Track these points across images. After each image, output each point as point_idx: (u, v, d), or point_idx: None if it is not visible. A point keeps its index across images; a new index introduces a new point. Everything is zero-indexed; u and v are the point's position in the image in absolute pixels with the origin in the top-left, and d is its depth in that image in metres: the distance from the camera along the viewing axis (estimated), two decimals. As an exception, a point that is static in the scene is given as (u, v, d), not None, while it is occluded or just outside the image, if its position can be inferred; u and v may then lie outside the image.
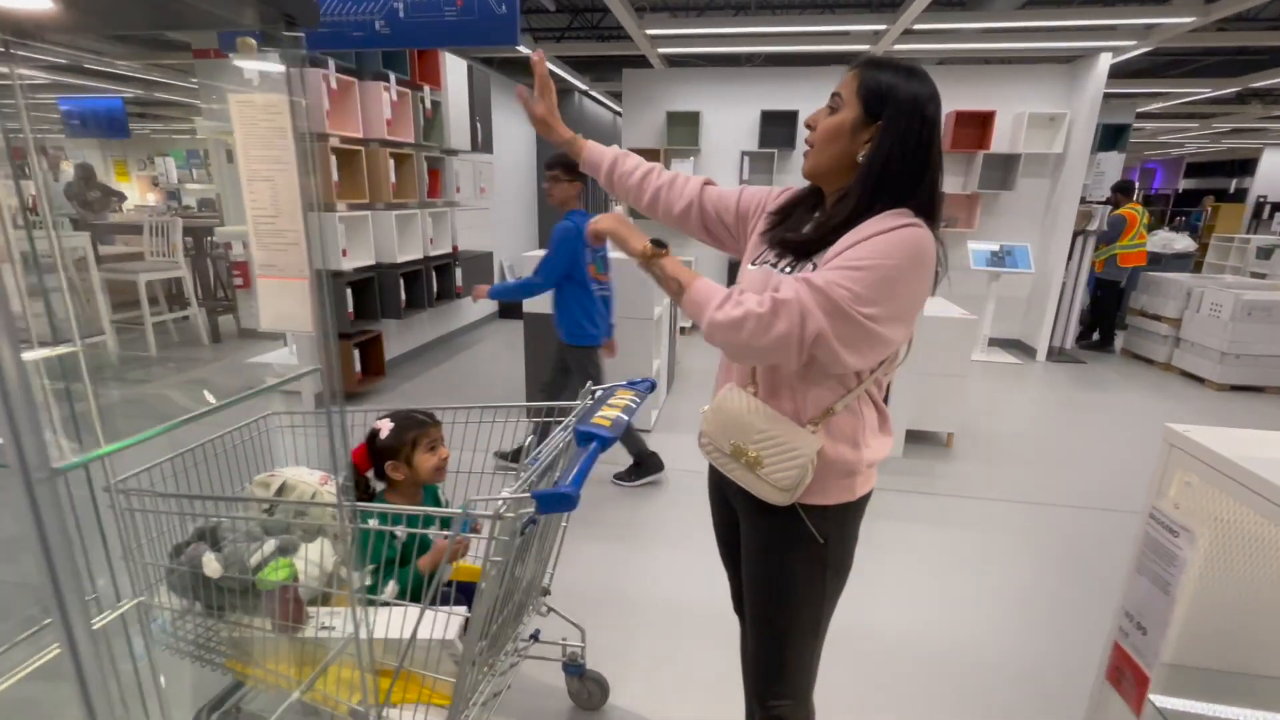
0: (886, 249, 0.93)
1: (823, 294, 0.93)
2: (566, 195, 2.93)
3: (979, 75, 5.67)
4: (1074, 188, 5.42)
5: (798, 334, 0.93)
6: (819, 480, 1.06)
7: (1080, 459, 3.60)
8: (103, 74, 7.62)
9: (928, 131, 0.98)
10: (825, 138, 1.03)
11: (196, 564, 1.24)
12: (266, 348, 4.69)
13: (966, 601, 2.31)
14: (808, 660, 1.20)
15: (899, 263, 0.93)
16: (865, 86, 0.99)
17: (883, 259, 0.93)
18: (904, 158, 0.98)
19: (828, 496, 1.08)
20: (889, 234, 0.94)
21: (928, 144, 0.98)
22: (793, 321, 0.93)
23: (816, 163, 1.06)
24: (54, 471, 0.55)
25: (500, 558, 1.12)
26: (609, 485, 3.13)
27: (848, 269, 0.94)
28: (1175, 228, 10.20)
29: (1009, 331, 6.13)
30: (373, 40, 3.15)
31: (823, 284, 0.93)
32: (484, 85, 5.71)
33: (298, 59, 0.76)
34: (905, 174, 0.99)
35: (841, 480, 1.08)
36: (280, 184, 0.83)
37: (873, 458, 1.09)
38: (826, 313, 0.93)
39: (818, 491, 1.07)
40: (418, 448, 1.54)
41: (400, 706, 1.30)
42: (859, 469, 1.08)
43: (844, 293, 0.92)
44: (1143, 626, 0.97)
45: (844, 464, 1.06)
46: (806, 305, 0.93)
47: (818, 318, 0.92)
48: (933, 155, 0.99)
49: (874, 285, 0.93)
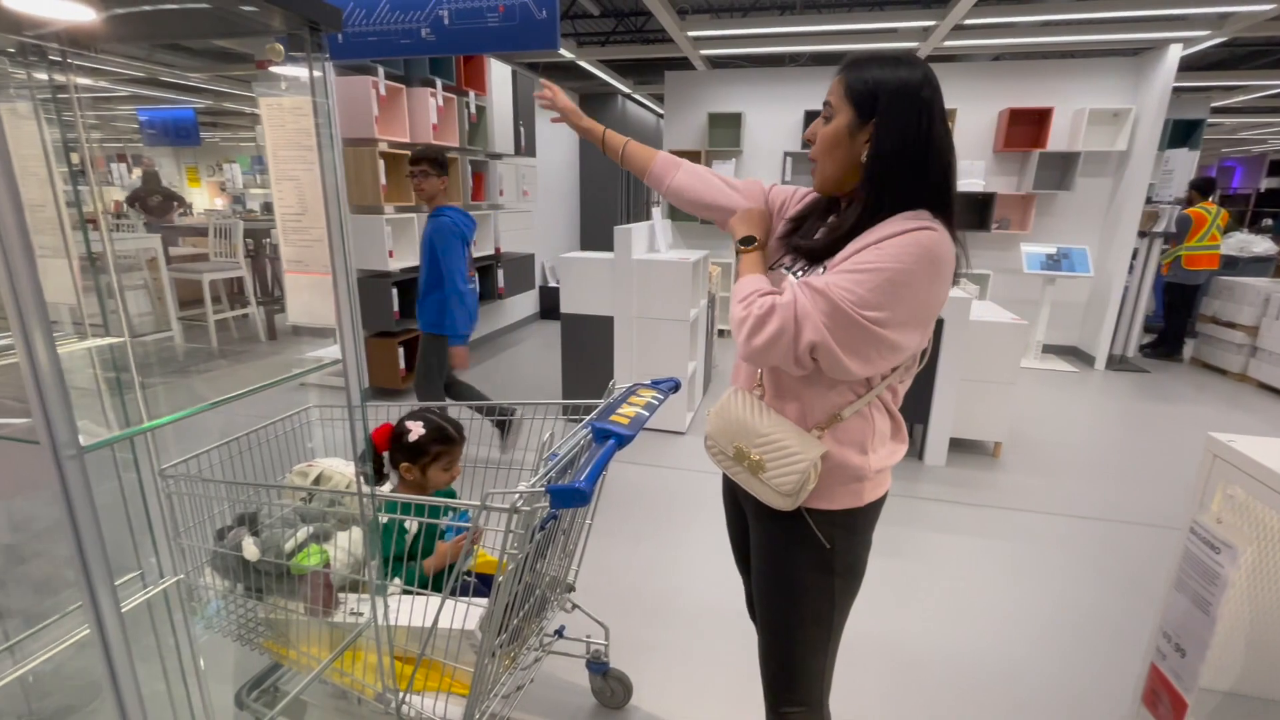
0: (896, 252, 0.91)
1: (822, 296, 0.92)
2: (435, 190, 3.00)
3: (1035, 70, 5.44)
4: (1139, 187, 5.13)
5: (790, 335, 0.92)
6: (825, 485, 1.04)
7: (1137, 473, 3.41)
8: (177, 86, 8.10)
9: (926, 117, 0.94)
10: (825, 148, 1.02)
11: (237, 547, 1.31)
12: (319, 344, 4.89)
13: (1005, 616, 2.21)
14: (819, 668, 1.18)
15: (908, 266, 0.91)
16: (852, 87, 0.98)
17: (890, 262, 0.91)
18: (906, 149, 0.95)
19: (834, 501, 1.06)
20: (900, 237, 0.92)
21: (928, 130, 0.95)
22: (785, 322, 0.92)
23: (824, 175, 1.05)
24: (82, 449, 0.59)
25: (516, 551, 1.14)
26: (637, 484, 3.13)
27: (852, 272, 0.92)
28: (1256, 230, 9.53)
29: (1065, 338, 5.86)
30: (419, 47, 3.26)
31: (822, 286, 0.92)
32: (528, 90, 5.81)
33: (322, 62, 0.80)
34: (911, 166, 0.96)
35: (848, 486, 1.06)
36: (306, 183, 0.87)
37: (882, 464, 1.06)
38: (825, 314, 0.91)
39: (824, 496, 1.05)
40: (437, 462, 1.58)
41: (423, 694, 1.34)
42: (866, 475, 1.05)
43: (845, 294, 0.91)
44: (1181, 648, 0.91)
45: (850, 469, 1.04)
46: (803, 308, 0.92)
47: (814, 320, 0.92)
48: (936, 139, 0.96)
49: (879, 288, 0.90)
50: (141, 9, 0.75)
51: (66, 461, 0.58)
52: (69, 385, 1.08)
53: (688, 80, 6.27)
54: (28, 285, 0.54)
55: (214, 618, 1.43)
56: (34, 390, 0.56)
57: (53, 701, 1.39)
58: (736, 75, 6.18)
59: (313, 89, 0.79)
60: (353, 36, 3.27)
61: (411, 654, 1.35)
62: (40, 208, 1.05)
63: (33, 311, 0.55)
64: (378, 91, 3.94)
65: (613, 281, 3.70)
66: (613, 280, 3.70)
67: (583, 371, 3.93)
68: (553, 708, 1.80)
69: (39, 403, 0.56)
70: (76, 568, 0.61)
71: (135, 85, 7.96)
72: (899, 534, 2.70)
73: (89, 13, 0.73)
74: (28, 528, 1.79)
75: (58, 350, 0.58)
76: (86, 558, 0.61)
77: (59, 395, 0.57)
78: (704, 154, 6.19)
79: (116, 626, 0.64)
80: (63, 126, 0.99)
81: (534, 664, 1.61)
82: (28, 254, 0.55)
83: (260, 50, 0.79)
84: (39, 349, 0.55)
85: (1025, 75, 5.45)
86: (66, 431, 0.58)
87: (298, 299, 0.96)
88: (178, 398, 0.98)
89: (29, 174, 0.99)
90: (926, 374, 3.30)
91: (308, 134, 0.83)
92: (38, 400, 0.56)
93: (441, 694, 1.34)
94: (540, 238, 6.92)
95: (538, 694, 1.83)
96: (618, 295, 3.70)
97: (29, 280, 0.54)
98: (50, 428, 0.57)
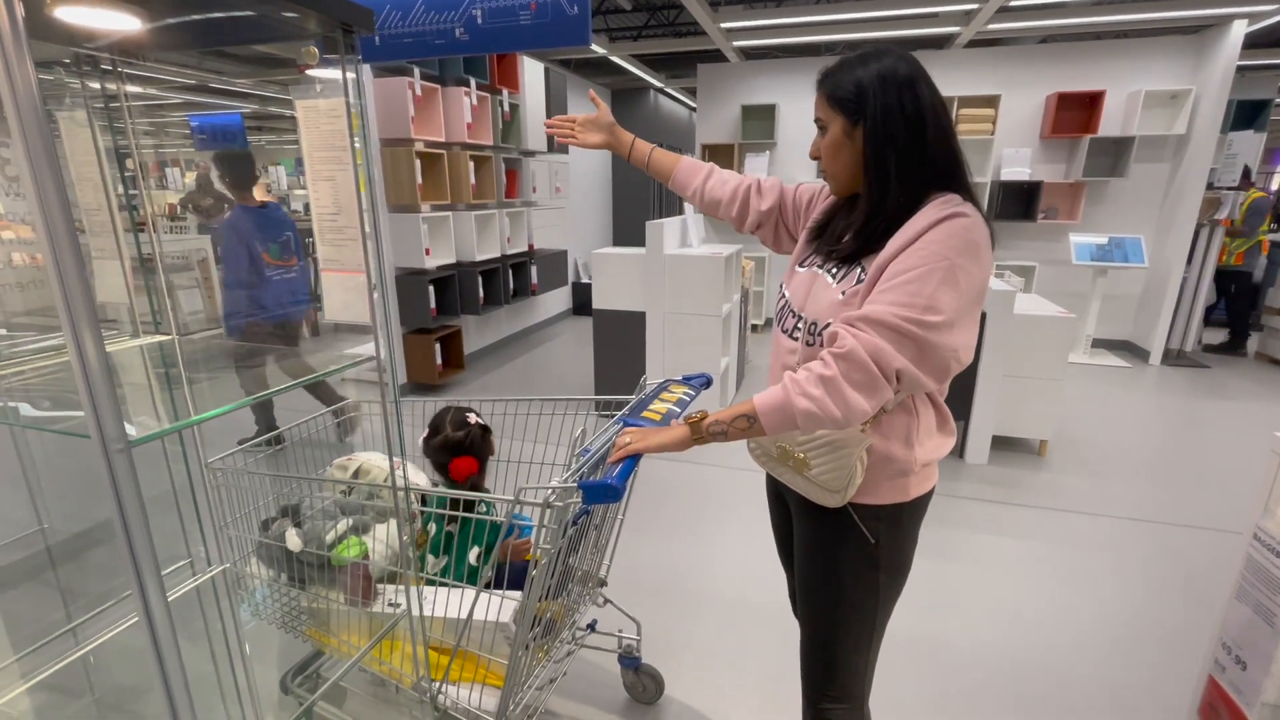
0: (937, 250, 0.89)
1: (881, 325, 0.89)
2: (215, 208, 3.30)
3: (1086, 52, 5.20)
4: (1199, 173, 4.87)
5: (875, 374, 0.89)
6: (870, 480, 1.02)
7: (1193, 474, 3.24)
8: (224, 92, 8.39)
9: (910, 98, 0.94)
10: (829, 157, 1.04)
11: (281, 538, 1.35)
12: (358, 340, 5.02)
13: (1050, 620, 2.13)
14: (861, 664, 1.16)
15: (952, 260, 0.89)
16: (833, 96, 0.99)
17: (935, 261, 0.89)
18: (898, 134, 0.95)
19: (879, 496, 1.05)
20: (934, 230, 0.90)
21: (916, 110, 0.94)
22: (866, 367, 0.89)
23: (837, 180, 1.07)
24: (129, 444, 0.62)
25: (549, 546, 1.15)
26: (671, 480, 3.13)
27: (904, 285, 0.89)
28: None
29: (1118, 332, 5.61)
30: (453, 47, 3.30)
31: (878, 315, 0.89)
32: (560, 87, 5.84)
33: (355, 64, 0.81)
34: (909, 149, 0.95)
35: (894, 480, 1.04)
36: (341, 183, 0.89)
37: (928, 457, 1.04)
38: (895, 343, 0.89)
39: (869, 491, 1.04)
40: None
41: (458, 684, 1.36)
42: (912, 469, 1.03)
43: (902, 311, 0.89)
44: (1242, 660, 0.85)
45: (896, 463, 1.02)
46: (874, 344, 0.89)
47: (888, 352, 0.89)
48: (926, 118, 0.94)
49: (934, 293, 0.88)
50: (184, 18, 0.78)
51: (115, 455, 0.60)
52: (123, 381, 1.13)
53: (720, 73, 6.20)
54: (77, 286, 0.57)
55: (260, 605, 1.48)
56: (84, 387, 0.58)
57: (114, 681, 1.46)
58: (770, 66, 6.08)
59: (345, 90, 0.81)
60: (389, 38, 3.33)
61: (448, 645, 1.38)
62: (96, 212, 1.10)
63: (83, 312, 0.57)
64: (413, 92, 4.01)
65: (645, 277, 3.69)
66: (645, 276, 3.69)
67: (615, 367, 3.94)
68: (586, 700, 1.81)
69: (89, 399, 0.59)
70: (124, 556, 0.64)
71: (185, 92, 8.28)
72: (938, 534, 2.63)
73: (134, 23, 0.76)
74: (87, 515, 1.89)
75: (111, 348, 0.60)
76: (134, 546, 0.63)
77: (107, 392, 0.60)
78: (737, 147, 6.12)
79: (163, 613, 0.67)
80: (114, 133, 1.03)
81: (566, 657, 1.63)
82: (77, 256, 0.57)
83: (299, 55, 0.81)
84: (88, 347, 0.58)
85: (1075, 57, 5.22)
86: (115, 426, 0.60)
87: (334, 296, 0.98)
88: (223, 393, 1.01)
89: (84, 179, 1.04)
90: (968, 369, 3.19)
91: (342, 135, 0.85)
92: (88, 397, 0.58)
93: (477, 684, 1.37)
94: (573, 234, 6.95)
95: (571, 687, 1.85)
96: (650, 291, 3.70)
97: (78, 281, 0.57)
98: (99, 423, 0.59)
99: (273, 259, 3.31)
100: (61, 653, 1.21)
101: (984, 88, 5.43)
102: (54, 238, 0.55)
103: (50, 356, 1.04)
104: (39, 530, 1.37)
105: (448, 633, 1.38)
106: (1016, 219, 5.54)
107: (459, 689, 1.36)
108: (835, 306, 0.99)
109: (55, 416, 0.89)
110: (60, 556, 1.53)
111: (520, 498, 1.13)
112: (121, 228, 1.07)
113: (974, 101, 5.41)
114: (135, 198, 1.16)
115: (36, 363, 1.04)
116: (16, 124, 0.53)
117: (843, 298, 0.99)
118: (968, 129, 5.43)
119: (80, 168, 1.07)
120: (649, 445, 1.07)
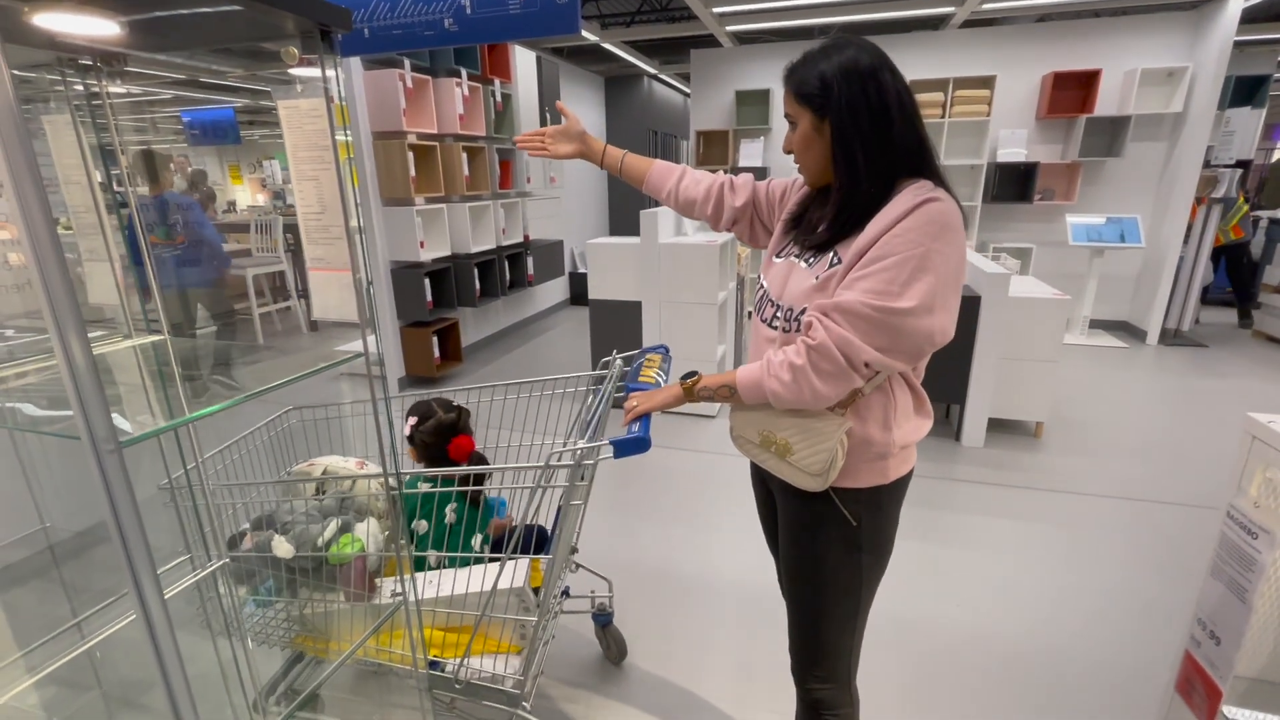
0: (912, 237, 0.91)
1: (855, 315, 0.93)
2: None
3: (1082, 31, 5.16)
4: (1196, 151, 4.85)
5: (843, 365, 0.94)
6: (850, 463, 1.05)
7: (1187, 453, 3.26)
8: (212, 86, 8.34)
9: (874, 87, 0.95)
10: (801, 150, 1.06)
11: (266, 548, 1.35)
12: (353, 336, 5.03)
13: (1042, 600, 2.16)
14: (846, 645, 1.19)
15: (927, 246, 0.91)
16: (799, 92, 1.01)
17: (910, 248, 0.91)
18: (863, 124, 0.96)
19: (860, 480, 1.07)
20: (908, 218, 0.92)
21: (880, 101, 0.95)
22: (834, 359, 0.94)
23: (810, 172, 1.09)
24: (120, 444, 0.63)
25: (578, 501, 1.27)
26: (667, 468, 3.15)
27: (876, 273, 0.92)
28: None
29: (1115, 313, 5.61)
30: (443, 38, 3.28)
31: (848, 303, 0.93)
32: (553, 76, 5.80)
33: (334, 63, 0.82)
34: (875, 138, 0.97)
35: (874, 463, 1.06)
36: (325, 182, 0.90)
37: (906, 439, 1.06)
38: (865, 334, 0.93)
39: (850, 475, 1.06)
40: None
41: (480, 657, 1.40)
42: (891, 451, 1.05)
43: (872, 299, 0.92)
44: (1216, 635, 0.87)
45: (874, 445, 1.04)
46: (843, 337, 0.93)
47: (856, 344, 0.93)
48: (891, 106, 0.96)
49: (908, 279, 0.91)
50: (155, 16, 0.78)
51: (105, 456, 0.62)
52: (117, 381, 1.14)
53: (714, 58, 6.16)
54: (61, 287, 0.58)
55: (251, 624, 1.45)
56: (72, 388, 0.59)
57: (120, 674, 1.48)
58: (764, 50, 6.04)
59: (325, 90, 0.81)
60: (378, 30, 3.31)
61: (453, 626, 1.43)
62: (83, 213, 1.11)
63: (67, 312, 0.58)
64: (404, 84, 3.99)
65: (640, 266, 3.69)
66: (640, 265, 3.69)
67: (612, 357, 3.95)
68: (571, 667, 1.85)
69: (77, 400, 0.60)
70: (119, 555, 0.66)
71: (173, 88, 8.23)
72: (934, 516, 2.66)
73: (110, 26, 0.76)
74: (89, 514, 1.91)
75: (104, 349, 0.61)
76: (128, 545, 0.65)
77: (96, 393, 0.61)
78: (732, 132, 6.09)
79: (160, 610, 0.69)
80: (98, 131, 1.04)
81: (552, 620, 1.69)
82: (59, 255, 0.58)
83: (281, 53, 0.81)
84: (74, 348, 0.59)
85: (1071, 36, 5.18)
86: (104, 427, 0.62)
87: (323, 295, 0.99)
88: (218, 391, 1.03)
89: (70, 182, 1.04)
90: (963, 352, 3.21)
91: (324, 134, 0.85)
92: (76, 398, 0.60)
93: (499, 655, 1.41)
94: (569, 224, 6.93)
95: (553, 654, 1.88)
96: (645, 280, 3.70)
97: (61, 282, 0.58)
98: (89, 424, 0.61)
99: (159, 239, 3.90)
100: (67, 647, 1.24)
101: (979, 69, 5.39)
102: (35, 239, 0.56)
103: (47, 358, 1.05)
104: (41, 529, 1.39)
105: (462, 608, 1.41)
106: (1013, 201, 5.52)
107: (482, 660, 1.40)
108: (809, 292, 1.02)
109: (51, 417, 0.90)
110: (63, 555, 1.55)
111: (550, 462, 1.21)
112: (110, 228, 1.07)
113: (969, 83, 5.37)
114: (122, 196, 1.17)
115: (35, 364, 1.05)
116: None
117: (816, 281, 1.01)
118: (962, 110, 5.40)
119: (67, 170, 1.08)
120: (654, 405, 1.16)
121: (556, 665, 1.90)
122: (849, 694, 1.24)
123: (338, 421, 1.76)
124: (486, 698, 1.40)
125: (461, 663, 1.37)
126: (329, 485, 1.55)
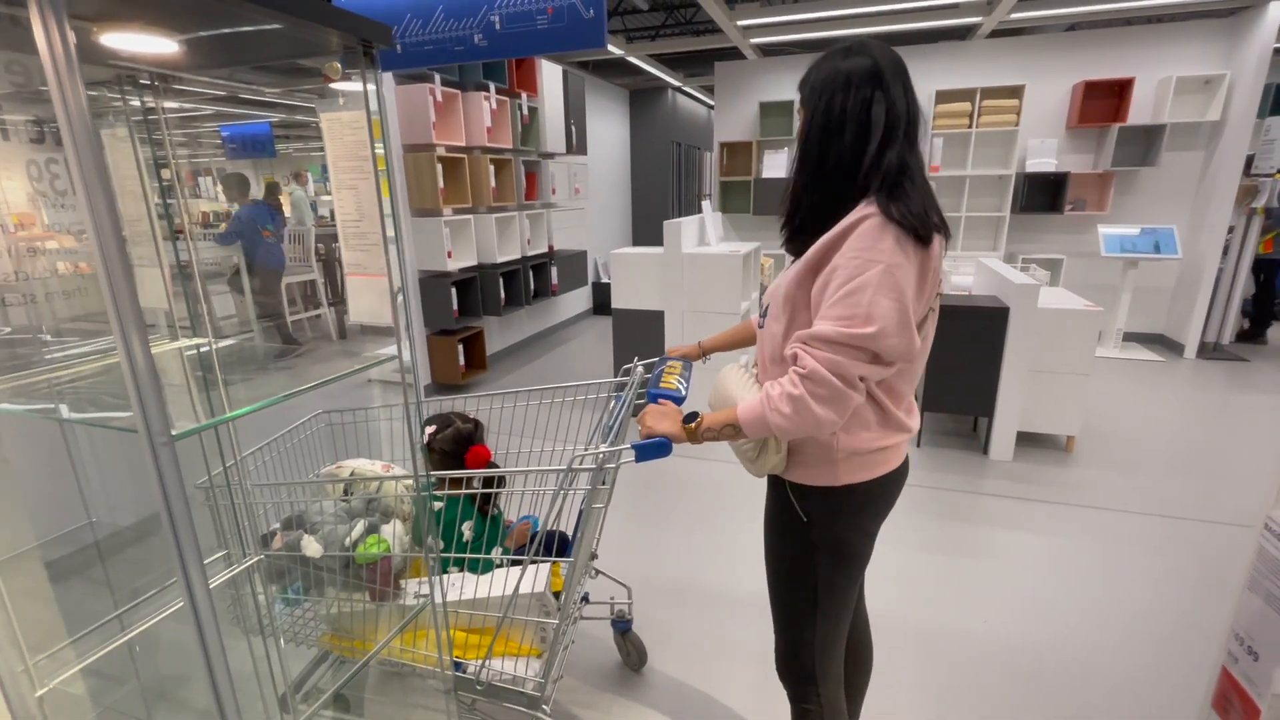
0: (866, 256, 0.93)
1: (835, 343, 0.94)
2: None
3: (1114, 39, 5.08)
4: (1235, 160, 4.73)
5: (839, 387, 0.94)
6: (797, 459, 1.10)
7: (1224, 469, 3.16)
8: (254, 102, 8.63)
9: (852, 99, 0.96)
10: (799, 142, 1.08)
11: (295, 547, 1.39)
12: (382, 342, 5.13)
13: (1071, 614, 2.11)
14: (810, 639, 1.19)
15: (886, 263, 0.92)
16: (800, 90, 1.04)
17: (853, 274, 0.93)
18: (819, 132, 0.98)
19: (806, 476, 1.10)
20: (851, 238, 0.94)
21: (839, 117, 0.96)
22: (829, 383, 0.94)
23: None
24: (173, 437, 0.66)
25: (600, 505, 1.30)
26: (685, 476, 3.15)
27: (841, 299, 0.94)
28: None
29: (1150, 325, 5.47)
30: (473, 53, 3.38)
31: (827, 332, 0.94)
32: (578, 89, 5.88)
33: (375, 77, 0.85)
34: (823, 147, 0.98)
35: (820, 464, 1.08)
36: (363, 191, 0.93)
37: (856, 448, 1.06)
38: (849, 355, 0.94)
39: (795, 467, 1.10)
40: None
41: (502, 659, 1.42)
42: (835, 454, 1.06)
43: (846, 328, 0.93)
44: (1254, 651, 0.85)
45: (816, 445, 1.07)
46: (831, 360, 0.94)
47: (846, 364, 0.94)
48: (851, 118, 0.96)
49: (865, 305, 0.93)
50: (214, 32, 0.83)
51: (160, 448, 0.65)
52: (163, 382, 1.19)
53: (738, 70, 6.19)
54: (125, 290, 0.62)
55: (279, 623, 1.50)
56: (132, 385, 0.63)
57: (158, 668, 1.53)
58: (788, 62, 6.06)
59: (366, 102, 0.85)
60: (410, 46, 3.41)
61: (475, 627, 1.46)
62: (136, 221, 1.17)
63: (130, 314, 0.62)
64: (434, 98, 4.09)
65: (663, 276, 3.72)
66: (663, 275, 3.72)
67: (635, 366, 3.97)
68: (591, 673, 1.85)
69: (136, 396, 0.63)
70: (168, 541, 0.69)
71: (218, 104, 8.53)
72: (959, 528, 2.61)
73: (170, 44, 0.81)
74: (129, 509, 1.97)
75: (152, 351, 0.65)
76: (178, 532, 0.68)
77: (154, 390, 0.65)
78: (755, 144, 6.11)
79: (204, 595, 0.72)
80: (153, 145, 1.09)
81: (572, 625, 1.70)
82: (125, 263, 0.62)
83: (323, 68, 0.85)
84: (135, 348, 0.62)
85: (1103, 44, 5.10)
86: (160, 421, 0.65)
87: (359, 300, 1.03)
88: (256, 392, 1.07)
89: (126, 192, 1.10)
90: (990, 364, 3.16)
91: (364, 145, 0.89)
92: (135, 394, 0.63)
93: (520, 658, 1.43)
94: (593, 234, 7.00)
95: (573, 660, 1.89)
96: (668, 289, 3.72)
97: (126, 286, 0.62)
98: (146, 418, 0.64)
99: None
100: (104, 640, 1.28)
101: (1008, 78, 5.34)
102: (104, 247, 0.60)
103: (91, 361, 1.11)
104: (88, 524, 1.45)
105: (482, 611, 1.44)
106: (1043, 211, 5.43)
107: (503, 662, 1.42)
108: (778, 289, 1.07)
109: (106, 416, 0.95)
110: (106, 550, 1.61)
111: (573, 465, 1.24)
112: (160, 236, 1.13)
113: (997, 93, 5.32)
114: (172, 207, 1.22)
115: (80, 367, 1.10)
116: (70, 141, 0.58)
117: (787, 281, 1.05)
118: (991, 120, 5.35)
119: (122, 181, 1.14)
120: (662, 430, 1.16)
121: (576, 670, 1.91)
122: (816, 692, 1.22)
123: (365, 426, 1.81)
124: (507, 699, 1.42)
125: (483, 664, 1.39)
126: (356, 487, 1.59)
